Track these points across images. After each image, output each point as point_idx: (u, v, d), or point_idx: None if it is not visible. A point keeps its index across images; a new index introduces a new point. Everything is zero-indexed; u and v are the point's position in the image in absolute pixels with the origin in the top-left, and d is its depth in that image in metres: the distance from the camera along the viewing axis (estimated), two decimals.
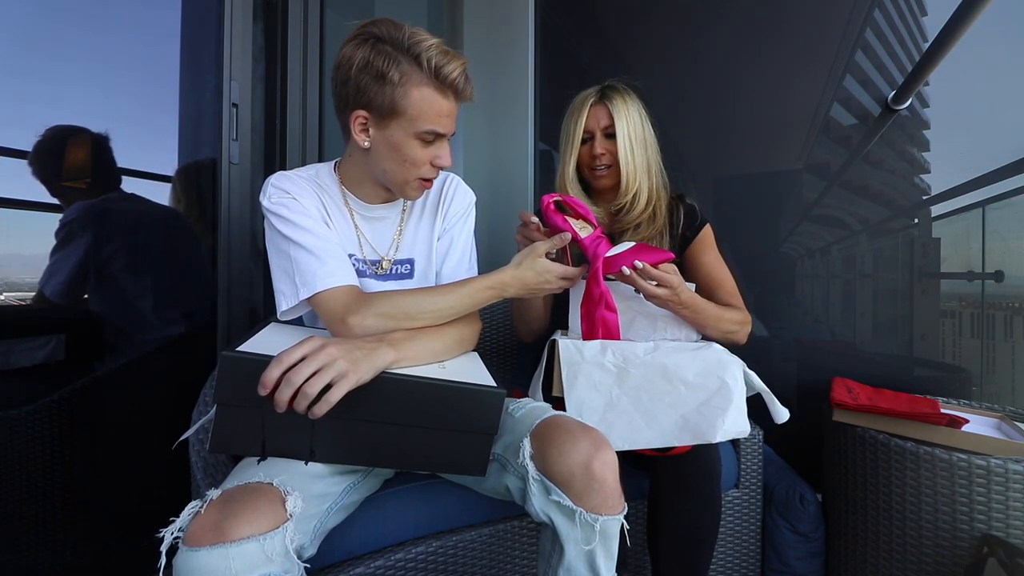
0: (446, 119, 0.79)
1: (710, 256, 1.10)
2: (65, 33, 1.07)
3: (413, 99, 0.75)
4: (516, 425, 0.77)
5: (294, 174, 0.86)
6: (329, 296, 0.76)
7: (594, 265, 0.88)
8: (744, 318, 1.02)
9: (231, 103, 1.27)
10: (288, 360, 0.60)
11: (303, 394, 0.59)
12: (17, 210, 1.03)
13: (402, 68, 0.74)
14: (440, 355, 0.79)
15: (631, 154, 1.06)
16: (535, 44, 1.80)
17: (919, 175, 1.41)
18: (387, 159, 0.81)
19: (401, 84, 0.74)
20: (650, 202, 1.09)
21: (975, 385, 1.33)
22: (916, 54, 1.41)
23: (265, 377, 0.59)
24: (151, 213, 1.22)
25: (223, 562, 0.53)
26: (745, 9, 1.53)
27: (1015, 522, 0.93)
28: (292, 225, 0.79)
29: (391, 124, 0.77)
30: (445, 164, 0.82)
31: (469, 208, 0.97)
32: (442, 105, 0.77)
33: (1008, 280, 1.33)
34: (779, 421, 0.90)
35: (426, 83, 0.75)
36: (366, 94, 0.75)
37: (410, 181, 0.83)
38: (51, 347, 1.05)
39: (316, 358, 0.61)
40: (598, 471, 0.67)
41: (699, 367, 0.84)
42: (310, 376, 0.60)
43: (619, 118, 1.05)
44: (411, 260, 0.92)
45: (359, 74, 0.74)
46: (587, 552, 0.69)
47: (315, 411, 0.60)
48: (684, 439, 0.83)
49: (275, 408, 0.59)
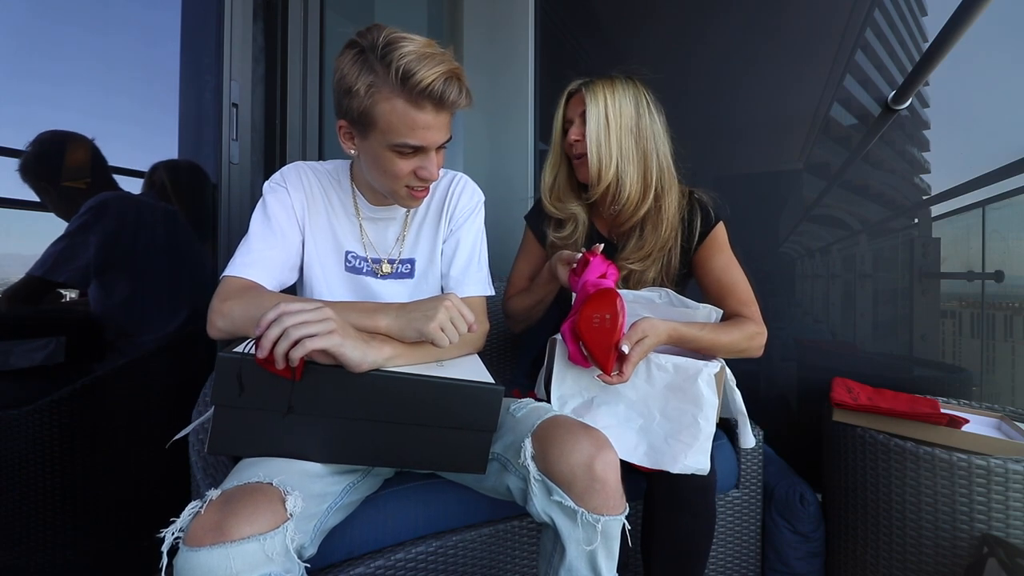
0: (423, 131, 0.73)
1: (721, 259, 1.01)
2: (65, 33, 1.07)
3: (382, 111, 0.71)
4: (517, 425, 0.77)
5: (309, 166, 0.89)
6: (227, 282, 0.77)
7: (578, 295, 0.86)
8: (752, 331, 0.94)
9: (231, 103, 1.27)
10: (286, 308, 0.61)
11: (286, 335, 0.59)
12: (17, 210, 1.03)
13: (370, 79, 0.70)
14: (440, 353, 0.79)
15: (604, 138, 0.97)
16: (535, 44, 1.81)
17: (919, 175, 1.41)
18: (370, 169, 0.81)
19: (368, 96, 0.70)
20: (646, 195, 0.99)
21: (975, 385, 1.33)
22: (916, 54, 1.41)
23: (262, 319, 0.60)
24: (160, 211, 1.23)
25: (224, 562, 0.53)
26: (745, 9, 1.53)
27: (1015, 522, 0.93)
28: (262, 212, 0.84)
29: (368, 136, 0.75)
30: (429, 176, 0.79)
31: (476, 208, 0.95)
32: (415, 118, 0.72)
33: (1008, 280, 1.33)
34: (744, 447, 0.93)
35: (396, 95, 0.70)
36: (342, 105, 0.74)
37: (397, 191, 0.81)
38: (51, 349, 1.04)
39: (311, 312, 0.62)
40: (600, 471, 0.67)
41: (678, 403, 0.85)
42: (299, 323, 0.60)
43: (592, 103, 0.98)
44: (412, 260, 0.92)
45: (337, 85, 0.74)
46: (589, 552, 0.69)
47: (292, 355, 0.59)
48: (645, 461, 0.84)
49: (259, 352, 0.59)
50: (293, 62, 1.40)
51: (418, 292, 0.93)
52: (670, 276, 1.04)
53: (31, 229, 1.05)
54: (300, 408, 0.66)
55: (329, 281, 0.89)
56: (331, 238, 0.89)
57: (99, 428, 1.10)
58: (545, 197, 1.10)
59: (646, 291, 0.98)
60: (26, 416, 1.01)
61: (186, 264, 1.31)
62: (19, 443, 1.00)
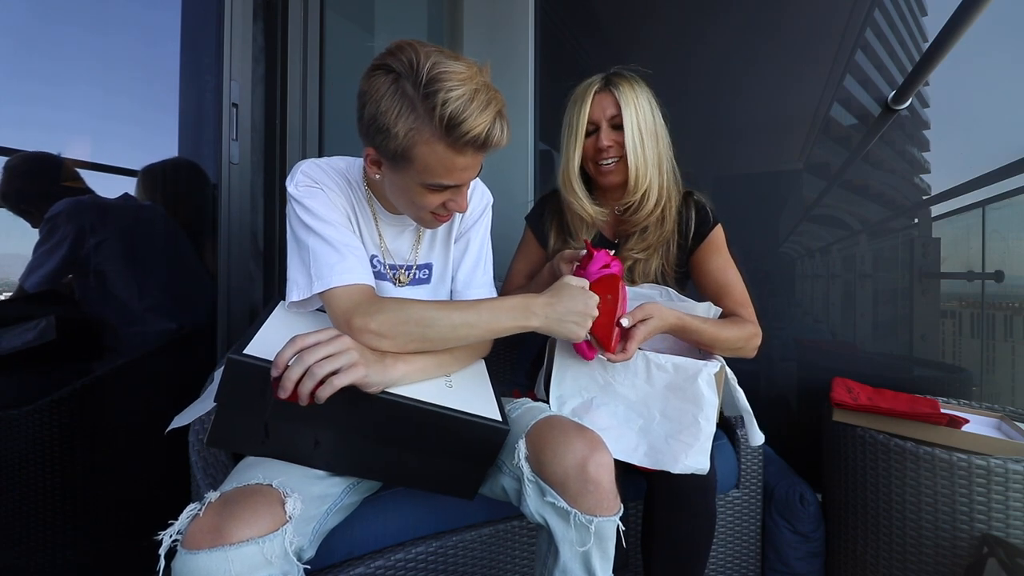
0: (460, 173, 0.71)
1: (719, 261, 1.02)
2: (65, 33, 1.07)
3: (421, 154, 0.67)
4: (512, 426, 0.76)
5: (326, 163, 0.83)
6: (341, 292, 0.73)
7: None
8: (751, 332, 0.94)
9: (231, 103, 1.27)
10: (302, 343, 0.60)
11: (310, 374, 0.59)
12: None
13: (410, 123, 0.65)
14: (449, 364, 0.78)
15: (640, 146, 0.96)
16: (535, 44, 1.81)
17: (919, 175, 1.41)
18: (396, 196, 0.78)
19: (407, 139, 0.66)
20: (660, 202, 1.00)
21: (975, 385, 1.33)
22: (916, 54, 1.41)
23: (278, 358, 0.59)
24: (144, 211, 1.22)
25: (222, 565, 0.53)
26: (745, 9, 1.53)
27: (1015, 522, 0.93)
28: (315, 216, 0.76)
29: (400, 171, 0.72)
30: (458, 209, 0.77)
31: (485, 210, 0.94)
32: (455, 161, 0.68)
33: (1008, 280, 1.33)
34: (753, 444, 0.91)
35: (437, 139, 0.66)
36: (374, 140, 0.69)
37: (422, 217, 0.79)
38: (42, 327, 1.03)
39: (330, 344, 0.61)
40: (593, 472, 0.67)
41: (678, 403, 0.84)
42: (321, 359, 0.60)
43: (626, 106, 0.95)
44: (429, 265, 0.91)
45: (370, 120, 0.68)
46: (582, 553, 0.68)
47: (319, 394, 0.59)
48: (645, 462, 0.84)
49: (280, 391, 0.58)
50: (293, 62, 1.40)
51: (434, 297, 0.92)
52: (670, 264, 1.05)
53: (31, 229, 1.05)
54: (307, 421, 0.66)
55: None
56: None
57: (99, 428, 1.10)
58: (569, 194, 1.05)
59: (646, 288, 0.99)
60: (26, 416, 1.01)
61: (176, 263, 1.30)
62: (19, 443, 1.00)
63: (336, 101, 1.51)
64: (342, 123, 1.53)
